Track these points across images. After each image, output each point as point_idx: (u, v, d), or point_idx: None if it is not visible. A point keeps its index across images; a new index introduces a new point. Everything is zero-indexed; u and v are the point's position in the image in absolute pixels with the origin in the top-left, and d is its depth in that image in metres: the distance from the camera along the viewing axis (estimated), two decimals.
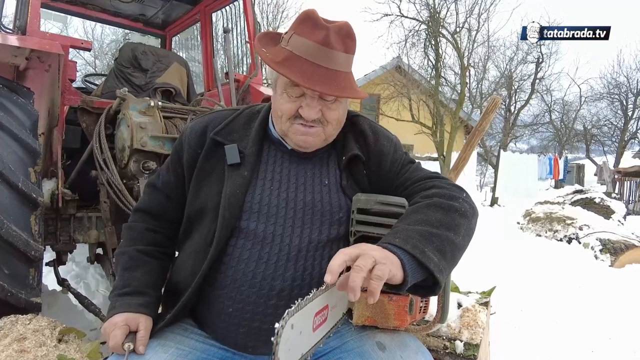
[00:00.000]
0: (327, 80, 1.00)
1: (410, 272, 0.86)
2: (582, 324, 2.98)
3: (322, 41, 1.00)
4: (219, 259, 1.06)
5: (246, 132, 1.15)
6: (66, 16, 3.81)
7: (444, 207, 0.99)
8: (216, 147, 1.13)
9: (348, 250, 0.84)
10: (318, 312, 0.82)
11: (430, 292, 0.94)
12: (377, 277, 0.80)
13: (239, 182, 1.08)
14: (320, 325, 0.84)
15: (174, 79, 2.97)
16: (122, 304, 1.04)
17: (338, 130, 1.14)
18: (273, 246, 1.05)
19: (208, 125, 1.16)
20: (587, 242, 5.15)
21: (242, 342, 1.05)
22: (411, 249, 0.88)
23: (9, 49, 2.11)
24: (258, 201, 1.08)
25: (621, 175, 13.06)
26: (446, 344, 1.52)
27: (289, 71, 1.00)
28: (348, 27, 1.04)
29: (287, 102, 1.05)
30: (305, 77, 0.99)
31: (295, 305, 0.74)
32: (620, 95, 19.86)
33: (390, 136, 1.22)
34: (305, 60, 1.00)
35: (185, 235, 1.17)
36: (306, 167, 1.15)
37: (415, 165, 1.20)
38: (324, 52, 1.00)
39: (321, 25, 1.01)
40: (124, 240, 1.18)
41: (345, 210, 1.11)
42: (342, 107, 1.09)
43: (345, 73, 1.05)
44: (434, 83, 12.55)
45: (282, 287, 1.03)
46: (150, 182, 1.24)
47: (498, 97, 2.21)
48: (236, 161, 1.09)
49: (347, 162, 1.15)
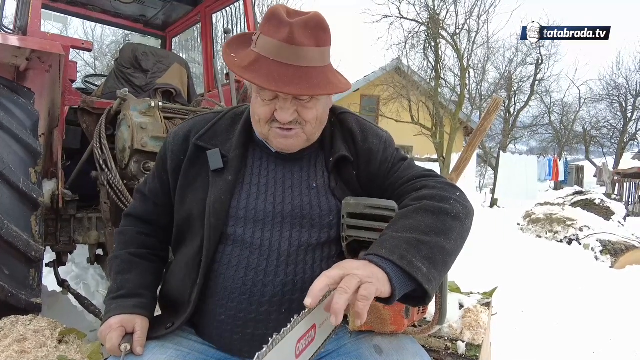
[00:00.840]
0: (297, 80, 0.94)
1: (397, 286, 0.82)
2: (583, 325, 2.97)
3: (286, 39, 0.94)
4: (208, 267, 1.04)
5: (229, 135, 1.11)
6: (66, 17, 3.82)
7: (434, 211, 0.94)
8: (199, 153, 1.09)
9: (331, 273, 0.80)
10: (301, 338, 0.79)
11: (421, 302, 0.89)
12: (363, 297, 0.77)
13: (223, 187, 1.04)
14: (306, 348, 0.81)
15: (175, 80, 2.97)
16: (117, 307, 1.03)
17: (320, 128, 1.09)
18: (262, 252, 1.02)
19: (191, 130, 1.12)
20: (588, 244, 5.15)
21: (238, 347, 1.04)
22: (398, 260, 0.83)
23: (10, 49, 2.11)
24: (244, 206, 1.04)
25: (621, 176, 13.07)
26: (448, 344, 1.52)
27: (255, 75, 0.95)
28: (317, 19, 0.97)
29: (262, 105, 1.01)
30: (272, 79, 0.93)
31: (268, 344, 0.71)
32: (619, 96, 19.92)
33: (380, 133, 1.16)
34: (272, 61, 0.95)
35: (178, 243, 1.15)
36: (293, 170, 1.11)
37: (407, 163, 1.14)
38: (290, 50, 0.94)
39: (285, 21, 0.95)
40: (117, 245, 1.17)
41: (335, 213, 1.07)
42: (320, 105, 1.03)
43: (319, 68, 0.98)
44: (433, 85, 12.57)
45: (273, 292, 1.00)
46: (138, 189, 1.22)
47: (499, 97, 2.21)
48: (219, 166, 1.06)
49: (334, 163, 1.10)
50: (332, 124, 1.14)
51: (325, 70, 1.00)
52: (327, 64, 1.01)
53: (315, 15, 0.98)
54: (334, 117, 1.15)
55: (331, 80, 1.00)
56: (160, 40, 4.05)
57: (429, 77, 12.98)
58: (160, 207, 1.16)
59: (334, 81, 1.01)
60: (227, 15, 3.40)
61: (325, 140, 1.13)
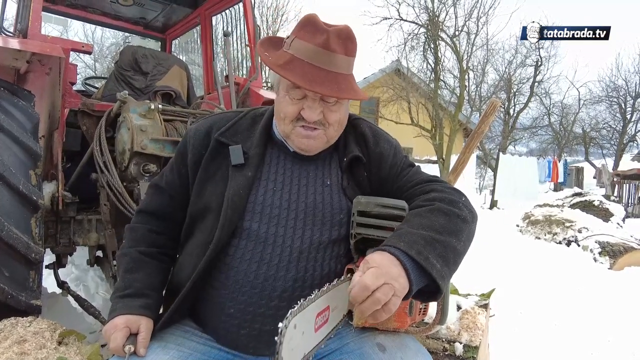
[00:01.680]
0: (328, 82, 1.02)
1: (414, 281, 0.88)
2: (581, 326, 2.98)
3: (322, 44, 1.02)
4: (221, 259, 1.06)
5: (250, 133, 1.17)
6: (67, 19, 3.83)
7: (446, 213, 1.00)
8: (220, 148, 1.14)
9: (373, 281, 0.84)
10: (320, 313, 0.83)
11: (431, 297, 0.95)
12: (388, 310, 0.84)
13: (242, 182, 1.09)
14: (322, 326, 0.84)
15: (174, 82, 2.98)
16: (123, 306, 1.04)
17: (340, 131, 1.16)
18: (275, 247, 1.05)
19: (212, 126, 1.17)
20: (586, 245, 5.15)
21: (243, 343, 1.05)
22: (416, 255, 0.89)
23: (10, 51, 2.12)
24: (261, 202, 1.09)
25: (620, 178, 13.09)
26: (445, 346, 1.52)
27: (291, 74, 1.02)
28: (348, 30, 1.06)
29: (290, 104, 1.07)
30: (307, 79, 1.01)
31: (298, 305, 0.75)
32: (618, 98, 19.93)
33: (390, 139, 1.23)
34: (306, 63, 1.03)
35: (187, 235, 1.18)
36: (308, 169, 1.16)
37: (415, 169, 1.21)
38: (324, 55, 1.02)
39: (322, 29, 1.03)
40: (127, 242, 1.18)
41: (346, 211, 1.12)
42: (343, 109, 1.11)
43: (345, 75, 1.06)
44: (433, 86, 12.59)
45: (284, 288, 1.03)
46: (153, 183, 1.24)
47: (497, 100, 2.22)
48: (240, 162, 1.11)
49: (348, 163, 1.16)
50: (345, 129, 1.20)
51: (349, 79, 1.08)
52: (351, 73, 1.10)
53: (346, 27, 1.06)
54: (348, 122, 1.21)
55: (354, 88, 1.09)
56: (160, 42, 4.07)
57: (429, 79, 13.00)
58: (175, 200, 1.19)
59: (356, 89, 1.09)
60: (226, 17, 3.42)
61: (339, 143, 1.20)
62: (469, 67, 13.45)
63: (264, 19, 14.73)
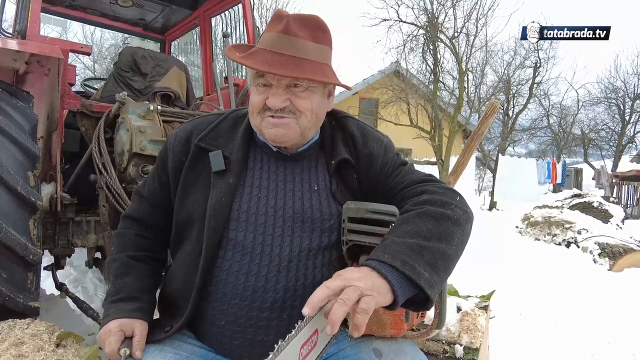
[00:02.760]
0: (290, 66, 0.98)
1: (400, 292, 0.83)
2: (581, 328, 2.98)
3: (282, 29, 1.00)
4: (210, 272, 1.04)
5: (232, 136, 1.12)
6: (66, 20, 3.82)
7: (435, 216, 0.95)
8: (201, 154, 1.09)
9: (332, 284, 0.80)
10: (304, 344, 0.79)
11: (422, 306, 0.90)
12: (362, 310, 0.78)
13: (224, 189, 1.04)
14: (309, 353, 0.82)
15: (173, 83, 2.97)
16: (115, 310, 1.03)
17: (316, 124, 1.09)
18: (263, 257, 1.02)
19: (193, 131, 1.13)
20: (586, 246, 5.16)
21: (237, 352, 1.04)
22: (401, 265, 0.84)
23: (9, 52, 2.11)
24: (245, 210, 1.05)
25: (619, 179, 13.11)
26: (446, 348, 1.52)
27: (252, 61, 1.00)
28: (315, 18, 1.03)
29: (256, 94, 1.04)
30: (266, 63, 0.98)
31: (274, 351, 0.72)
32: (617, 99, 19.96)
33: (380, 137, 1.17)
34: (268, 51, 1.00)
35: (176, 244, 1.15)
36: (294, 172, 1.11)
37: (407, 168, 1.15)
38: (286, 40, 0.99)
39: (283, 16, 1.02)
40: (115, 247, 1.16)
41: (336, 217, 1.07)
42: (315, 97, 1.05)
43: (315, 62, 1.01)
44: (432, 87, 12.60)
45: (274, 299, 1.00)
46: (137, 190, 1.21)
47: (497, 101, 2.22)
48: (221, 168, 1.06)
49: (336, 166, 1.11)
50: (332, 128, 1.15)
51: (322, 66, 1.02)
52: (324, 62, 1.04)
53: (313, 15, 1.03)
54: (335, 121, 1.16)
55: (326, 74, 1.03)
56: (160, 43, 4.06)
57: (428, 80, 13.01)
58: (158, 208, 1.16)
59: (328, 75, 1.03)
60: (226, 19, 3.42)
61: (325, 143, 1.14)
62: (468, 68, 13.45)
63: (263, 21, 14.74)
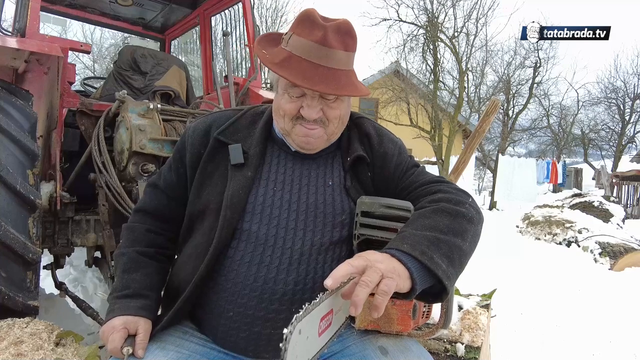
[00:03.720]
0: (327, 79, 0.99)
1: (418, 280, 0.85)
2: (582, 327, 2.97)
3: (320, 40, 0.99)
4: (220, 262, 1.04)
5: (250, 132, 1.14)
6: (66, 19, 3.81)
7: (451, 213, 0.98)
8: (220, 147, 1.11)
9: (355, 262, 0.82)
10: (323, 317, 0.81)
11: (437, 298, 0.93)
12: (383, 292, 0.79)
13: (242, 182, 1.06)
14: (325, 330, 0.82)
15: (173, 82, 2.97)
16: (121, 307, 1.02)
17: (341, 128, 1.13)
18: (275, 249, 1.03)
19: (212, 125, 1.14)
20: (587, 246, 5.15)
21: (243, 346, 1.04)
22: (420, 255, 0.87)
23: (8, 51, 2.10)
24: (261, 202, 1.06)
25: (619, 179, 13.11)
26: (447, 346, 1.51)
27: (288, 72, 0.99)
28: (347, 25, 1.03)
29: (288, 102, 1.05)
30: (305, 77, 0.98)
31: (303, 310, 0.72)
32: (617, 99, 19.96)
33: (394, 139, 1.21)
34: (304, 60, 1.00)
35: (186, 236, 1.15)
36: (310, 168, 1.13)
37: (419, 169, 1.19)
38: (322, 51, 0.99)
39: (319, 24, 1.00)
40: (124, 241, 1.16)
41: (349, 212, 1.09)
42: (343, 106, 1.08)
43: (345, 71, 1.03)
44: (432, 87, 12.60)
45: (284, 291, 1.01)
46: (151, 182, 1.22)
47: (498, 99, 2.22)
48: (240, 161, 1.08)
49: (351, 163, 1.13)
50: (348, 128, 1.18)
51: (350, 74, 1.05)
52: (351, 68, 1.06)
53: (345, 22, 1.03)
54: (351, 121, 1.19)
55: (355, 84, 1.05)
56: (159, 42, 4.06)
57: (428, 80, 13.01)
58: (173, 200, 1.17)
59: (358, 85, 1.06)
60: (226, 18, 3.41)
61: (342, 141, 1.17)
62: (468, 68, 13.45)
63: (263, 20, 14.75)
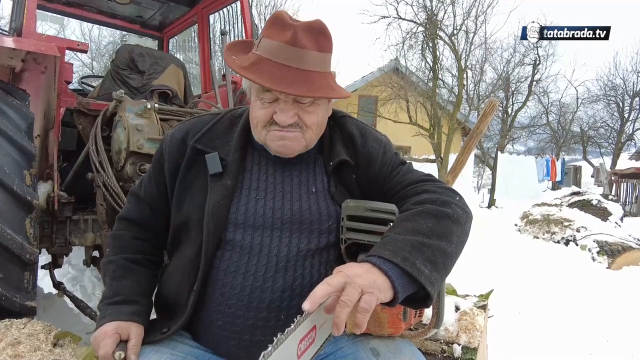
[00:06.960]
0: (298, 81, 0.94)
1: (400, 289, 0.83)
2: (579, 326, 2.98)
3: (290, 41, 0.94)
4: (205, 272, 1.02)
5: (228, 138, 1.09)
6: (63, 18, 3.80)
7: (435, 214, 0.95)
8: (197, 156, 1.07)
9: (333, 281, 0.80)
10: (303, 338, 0.79)
11: (422, 303, 0.90)
12: (363, 310, 0.78)
13: (222, 192, 1.03)
14: (307, 349, 0.81)
15: (171, 81, 2.96)
16: (112, 312, 1.01)
17: (319, 134, 1.08)
18: (261, 257, 1.00)
19: (188, 132, 1.10)
20: (585, 244, 5.16)
21: (234, 353, 1.03)
22: (401, 262, 0.84)
23: (5, 50, 2.10)
24: (243, 212, 1.03)
25: (618, 177, 13.12)
26: (444, 347, 1.51)
27: (257, 75, 0.94)
28: (320, 25, 0.98)
29: (261, 108, 1.00)
30: (274, 79, 0.93)
31: (273, 343, 0.71)
32: (616, 97, 19.91)
33: (379, 137, 1.16)
34: (274, 63, 0.94)
35: (173, 246, 1.13)
36: (292, 174, 1.09)
37: (406, 167, 1.14)
38: (293, 52, 0.94)
39: (288, 24, 0.95)
40: (111, 249, 1.14)
41: (335, 218, 1.06)
42: (321, 110, 1.03)
43: (320, 73, 0.98)
44: (431, 85, 12.57)
45: (272, 299, 0.99)
46: (133, 191, 1.19)
47: (495, 100, 2.21)
48: (218, 170, 1.04)
49: (334, 167, 1.10)
50: (330, 128, 1.13)
51: (326, 76, 0.99)
52: (327, 70, 1.01)
53: (317, 21, 0.98)
54: (333, 121, 1.15)
55: (332, 86, 1.00)
56: (157, 41, 4.04)
57: (427, 78, 12.97)
58: (155, 210, 1.15)
59: (335, 87, 1.01)
60: (224, 16, 3.40)
61: (324, 144, 1.12)
62: (467, 65, 13.40)
63: (261, 18, 14.69)
